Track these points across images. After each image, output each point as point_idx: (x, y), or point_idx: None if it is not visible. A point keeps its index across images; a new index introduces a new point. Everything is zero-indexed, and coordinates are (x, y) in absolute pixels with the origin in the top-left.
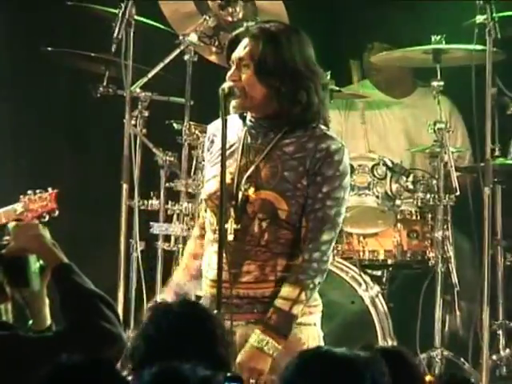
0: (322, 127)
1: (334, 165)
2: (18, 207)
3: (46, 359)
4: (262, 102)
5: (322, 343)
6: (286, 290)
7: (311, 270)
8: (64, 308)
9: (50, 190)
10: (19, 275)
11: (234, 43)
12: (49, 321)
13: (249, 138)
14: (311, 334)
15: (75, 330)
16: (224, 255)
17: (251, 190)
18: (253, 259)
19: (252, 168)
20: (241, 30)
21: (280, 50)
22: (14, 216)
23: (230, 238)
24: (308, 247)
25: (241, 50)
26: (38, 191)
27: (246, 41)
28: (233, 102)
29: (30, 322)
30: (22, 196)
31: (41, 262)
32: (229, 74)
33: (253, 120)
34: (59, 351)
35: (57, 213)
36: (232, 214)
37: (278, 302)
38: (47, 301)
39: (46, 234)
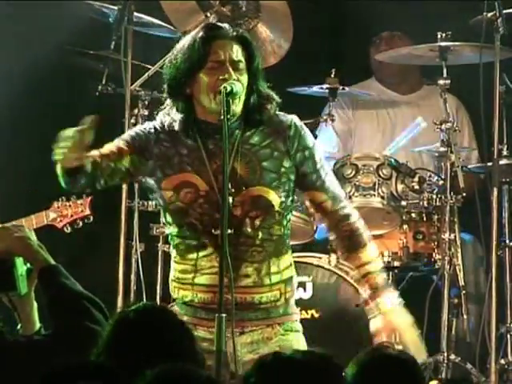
0: None
1: (308, 135)
2: (51, 213)
3: (36, 362)
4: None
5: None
6: (367, 254)
7: (361, 224)
8: (52, 310)
9: (84, 196)
10: (6, 278)
11: (210, 42)
12: (38, 324)
13: (210, 144)
14: (302, 339)
15: (64, 332)
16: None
17: (237, 192)
18: (249, 261)
19: (228, 170)
20: (217, 29)
21: (258, 56)
22: (45, 222)
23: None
24: (349, 210)
25: (235, 53)
26: (71, 197)
27: (234, 44)
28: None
29: (19, 326)
30: (55, 202)
31: (28, 264)
32: (227, 74)
33: (217, 126)
34: (49, 354)
35: (91, 219)
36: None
37: (373, 266)
38: (35, 304)
39: (32, 235)
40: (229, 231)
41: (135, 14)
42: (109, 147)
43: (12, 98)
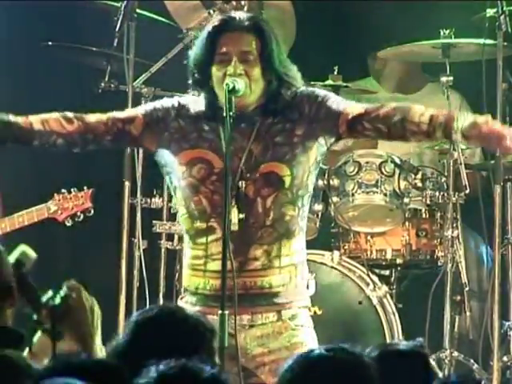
0: None
1: (316, 90)
2: (52, 206)
3: None
4: (259, 97)
5: (317, 345)
6: (415, 111)
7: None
8: None
9: (85, 188)
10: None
11: (219, 34)
12: None
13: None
14: (311, 335)
15: None
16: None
17: (251, 173)
18: (258, 243)
19: (246, 153)
20: (225, 20)
21: (278, 46)
22: (46, 215)
23: (235, 228)
24: (382, 108)
25: (243, 44)
26: (72, 190)
27: (244, 34)
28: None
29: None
30: (55, 194)
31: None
32: (233, 67)
33: (234, 116)
34: None
35: (92, 212)
36: (233, 203)
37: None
38: None
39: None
40: (240, 216)
41: (138, 11)
42: (123, 111)
43: (14, 95)
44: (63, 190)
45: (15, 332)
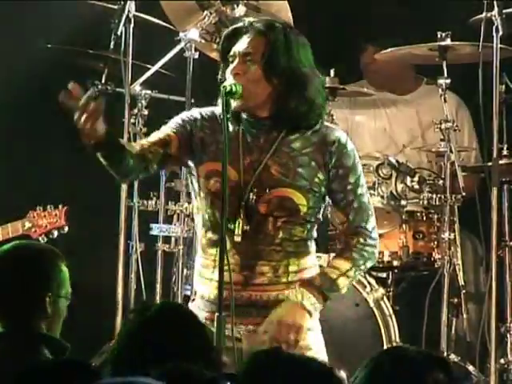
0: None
1: (350, 154)
2: (26, 222)
3: None
4: (264, 101)
5: (324, 348)
6: (337, 262)
7: (366, 252)
8: None
9: (60, 206)
10: None
11: (232, 37)
12: None
13: (248, 137)
14: (317, 338)
15: None
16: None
17: (265, 189)
18: (266, 259)
19: (261, 166)
20: (240, 24)
21: (289, 49)
22: (20, 231)
23: (238, 239)
24: (361, 236)
25: (246, 45)
26: (48, 207)
27: (251, 36)
28: (234, 103)
29: None
30: (30, 211)
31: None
32: (231, 67)
33: (251, 120)
34: None
35: (66, 229)
36: (241, 214)
37: (327, 269)
38: None
39: None
40: (245, 227)
41: (135, 13)
42: (156, 134)
43: (12, 97)
44: (38, 207)
45: (57, 341)
